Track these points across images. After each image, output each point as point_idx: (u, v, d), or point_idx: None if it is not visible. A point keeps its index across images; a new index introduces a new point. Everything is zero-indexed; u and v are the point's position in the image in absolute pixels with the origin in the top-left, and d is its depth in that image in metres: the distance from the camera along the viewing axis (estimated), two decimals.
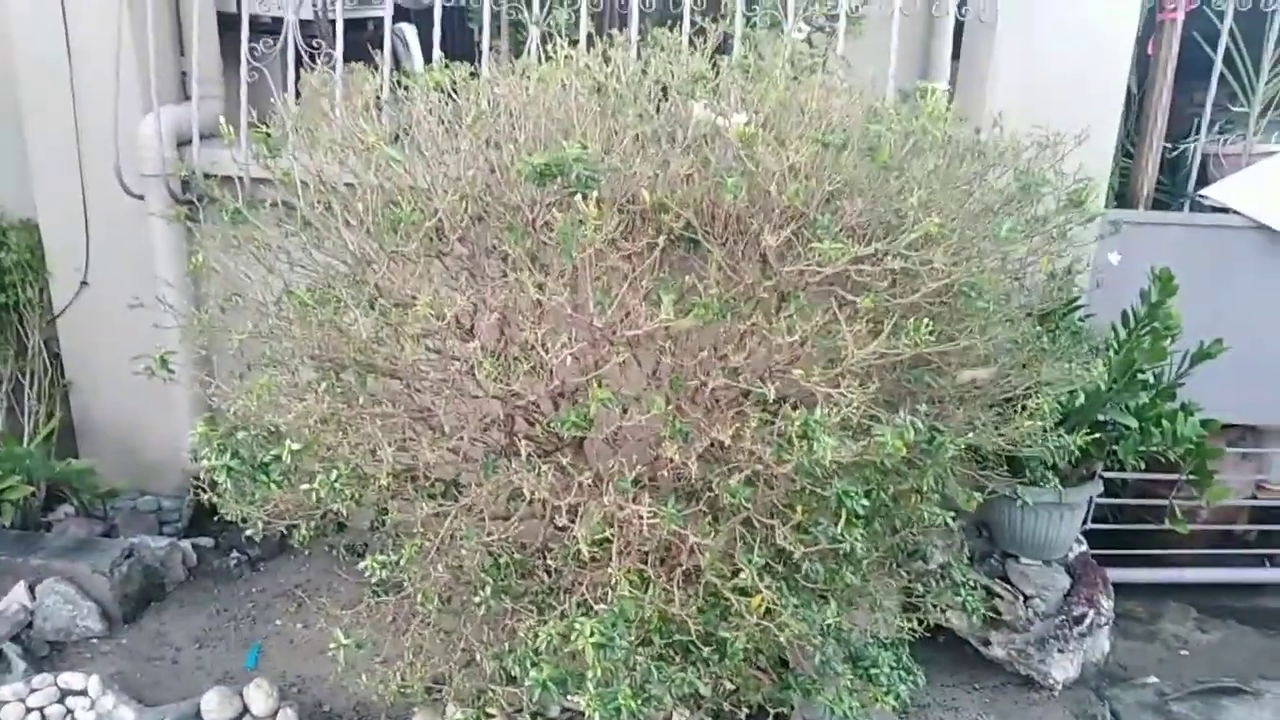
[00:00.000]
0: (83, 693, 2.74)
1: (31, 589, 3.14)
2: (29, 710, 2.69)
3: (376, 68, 2.46)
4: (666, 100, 2.25)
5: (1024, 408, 2.26)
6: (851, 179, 1.99)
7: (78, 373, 3.81)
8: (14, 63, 3.52)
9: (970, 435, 2.10)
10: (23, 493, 3.33)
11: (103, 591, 3.17)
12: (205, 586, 3.47)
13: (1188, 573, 3.99)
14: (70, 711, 2.71)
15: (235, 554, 3.58)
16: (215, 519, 3.35)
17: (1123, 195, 3.61)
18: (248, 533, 2.23)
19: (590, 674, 1.84)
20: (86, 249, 3.67)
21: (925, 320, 1.77)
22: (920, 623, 2.44)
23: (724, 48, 2.60)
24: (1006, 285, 2.36)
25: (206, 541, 3.65)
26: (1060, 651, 3.31)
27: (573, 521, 1.92)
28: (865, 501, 1.87)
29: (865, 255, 1.84)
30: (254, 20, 3.35)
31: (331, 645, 2.09)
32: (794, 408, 1.83)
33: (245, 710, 2.71)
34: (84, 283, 3.70)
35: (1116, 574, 3.57)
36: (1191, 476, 3.18)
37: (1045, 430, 2.18)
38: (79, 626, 3.11)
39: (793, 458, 1.74)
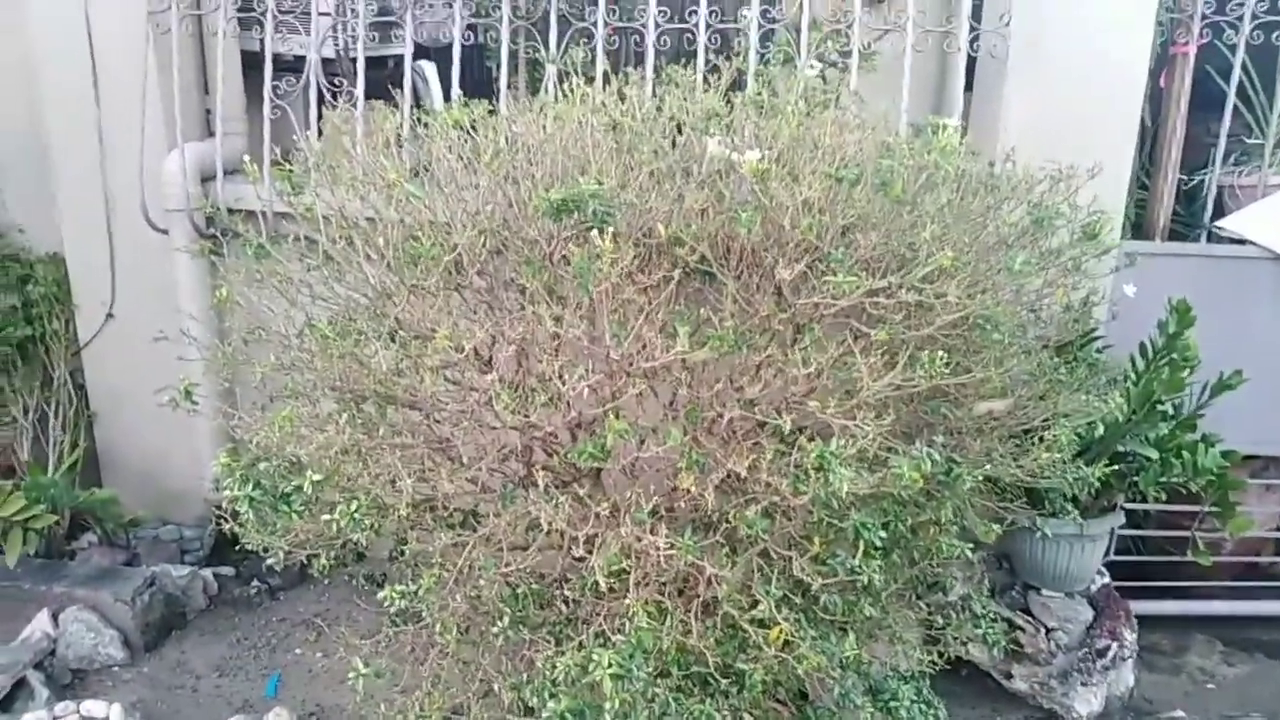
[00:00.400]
0: None
1: (55, 617, 3.17)
2: None
3: (397, 105, 2.51)
4: (681, 136, 2.28)
5: (1041, 439, 2.26)
6: (865, 213, 2.01)
7: (102, 403, 3.87)
8: (42, 99, 3.60)
9: (988, 467, 2.10)
10: (47, 521, 3.36)
11: (125, 620, 3.19)
12: (226, 615, 3.50)
13: (1213, 605, 3.93)
14: None
15: (256, 583, 3.60)
16: (236, 548, 3.38)
17: (1139, 226, 3.61)
18: (269, 562, 2.25)
19: (608, 705, 1.84)
20: (112, 282, 3.73)
21: (940, 352, 1.78)
22: (941, 655, 2.42)
23: (738, 84, 2.64)
24: (1022, 317, 2.37)
25: (228, 570, 3.68)
26: (1084, 685, 3.27)
27: (590, 552, 1.93)
28: (883, 533, 1.87)
29: (879, 288, 1.85)
30: (277, 59, 3.42)
31: (350, 674, 2.10)
32: (810, 439, 1.84)
33: None
34: (109, 315, 3.76)
35: (1140, 606, 3.52)
36: (1214, 508, 3.15)
37: (1064, 462, 2.17)
38: (101, 654, 3.14)
39: (809, 489, 1.75)
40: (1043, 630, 3.33)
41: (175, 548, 3.70)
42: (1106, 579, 3.50)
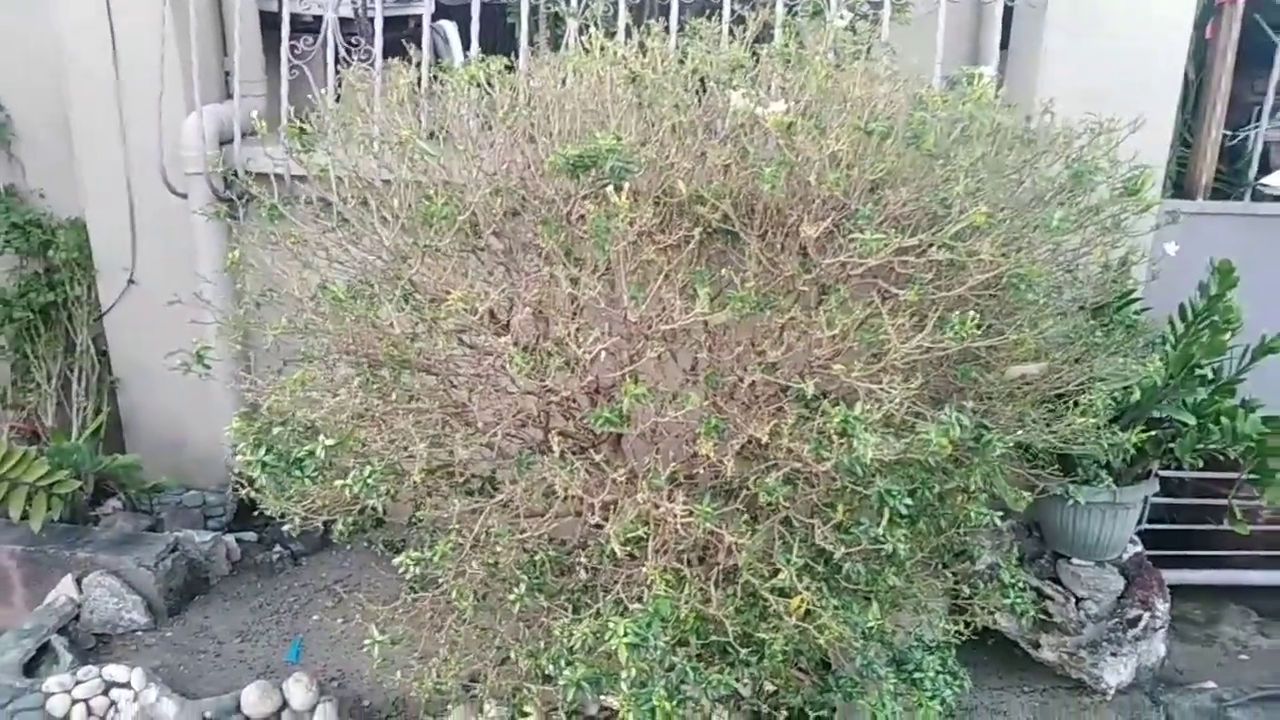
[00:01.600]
0: (126, 685, 2.77)
1: (79, 582, 3.19)
2: (74, 702, 2.73)
3: (417, 65, 2.44)
4: (705, 92, 2.20)
5: (1076, 404, 2.18)
6: (895, 168, 1.92)
7: (125, 369, 3.87)
8: (62, 65, 3.57)
9: (1020, 433, 2.02)
10: (71, 487, 3.38)
11: (147, 585, 3.21)
12: (248, 580, 3.50)
13: (1248, 575, 3.85)
14: (114, 704, 2.74)
15: (278, 548, 3.60)
16: (255, 514, 3.39)
17: (1180, 184, 3.49)
18: (285, 528, 2.23)
19: (624, 674, 1.81)
20: (133, 247, 3.72)
21: (972, 314, 1.70)
22: (968, 626, 2.37)
23: (764, 37, 2.54)
24: (1058, 278, 2.28)
25: (250, 536, 3.68)
26: (1113, 655, 3.21)
27: (606, 519, 1.89)
28: (909, 501, 1.81)
29: (909, 246, 1.77)
30: (294, 19, 3.36)
31: (367, 641, 2.08)
32: (834, 404, 1.78)
33: (285, 704, 2.72)
34: (131, 280, 3.75)
35: (1173, 575, 3.45)
36: (1252, 475, 3.06)
37: (1099, 427, 2.09)
38: (124, 619, 3.15)
39: (832, 455, 1.69)
40: (1072, 599, 3.27)
41: (198, 513, 3.71)
42: (1139, 547, 3.42)
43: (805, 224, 1.85)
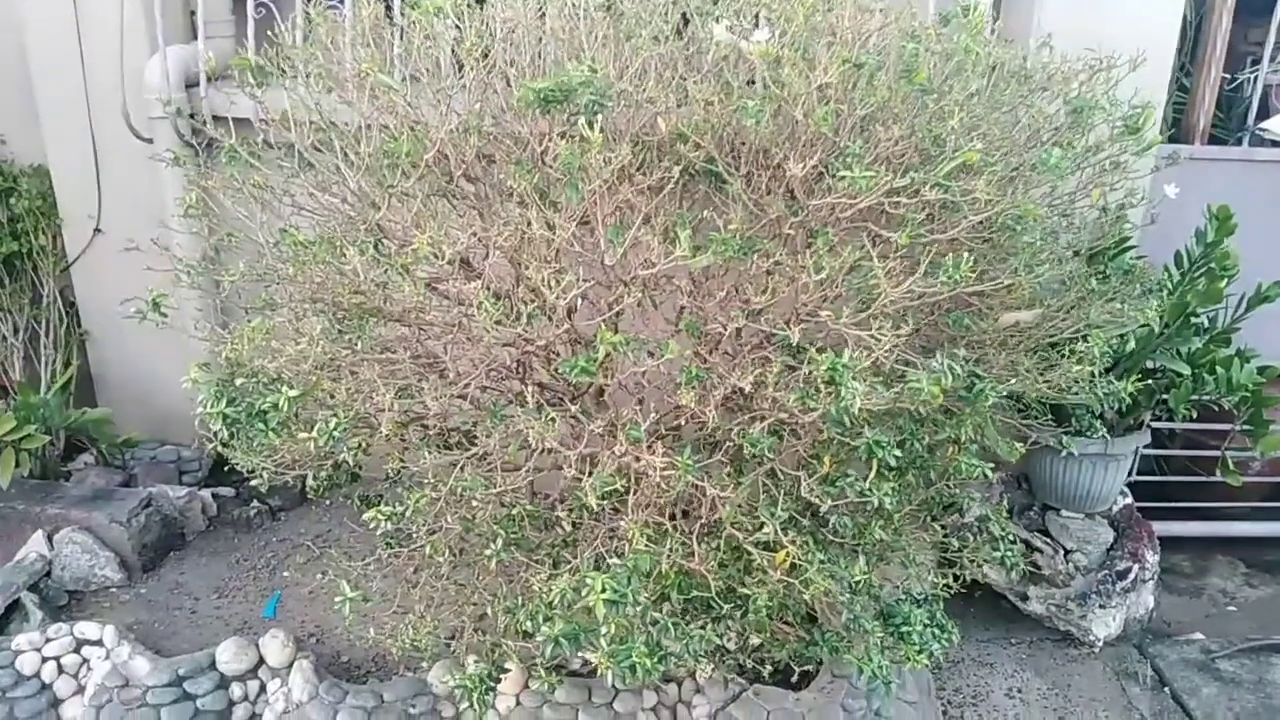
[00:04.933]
0: (98, 643, 2.70)
1: (50, 538, 3.11)
2: (45, 660, 2.66)
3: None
4: (686, 24, 2.09)
5: (1071, 352, 2.11)
6: (885, 103, 1.82)
7: (94, 321, 3.76)
8: (19, 3, 3.41)
9: (1013, 382, 1.95)
10: (40, 442, 3.28)
11: (121, 541, 3.13)
12: (225, 536, 3.43)
13: (1236, 526, 3.84)
14: (85, 661, 2.68)
15: (256, 504, 3.52)
16: (229, 470, 3.30)
17: (1176, 129, 3.40)
18: (253, 484, 2.16)
19: (603, 630, 1.75)
20: (99, 194, 3.59)
21: (967, 256, 1.62)
22: (956, 579, 2.32)
23: None
24: (1053, 222, 2.19)
25: (227, 491, 3.60)
26: (1102, 607, 3.19)
27: (585, 473, 1.81)
28: (898, 453, 1.74)
29: (901, 186, 1.68)
30: None
31: (339, 598, 2.02)
32: (820, 352, 1.70)
33: (261, 661, 2.66)
34: (98, 229, 3.63)
35: (1161, 527, 3.43)
36: (1246, 426, 3.01)
37: (1094, 376, 2.03)
38: (98, 576, 3.08)
39: (819, 405, 1.61)
40: (1061, 552, 3.24)
41: (173, 468, 3.62)
42: (1129, 499, 3.39)
43: (791, 162, 1.76)
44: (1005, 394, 1.99)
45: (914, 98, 1.87)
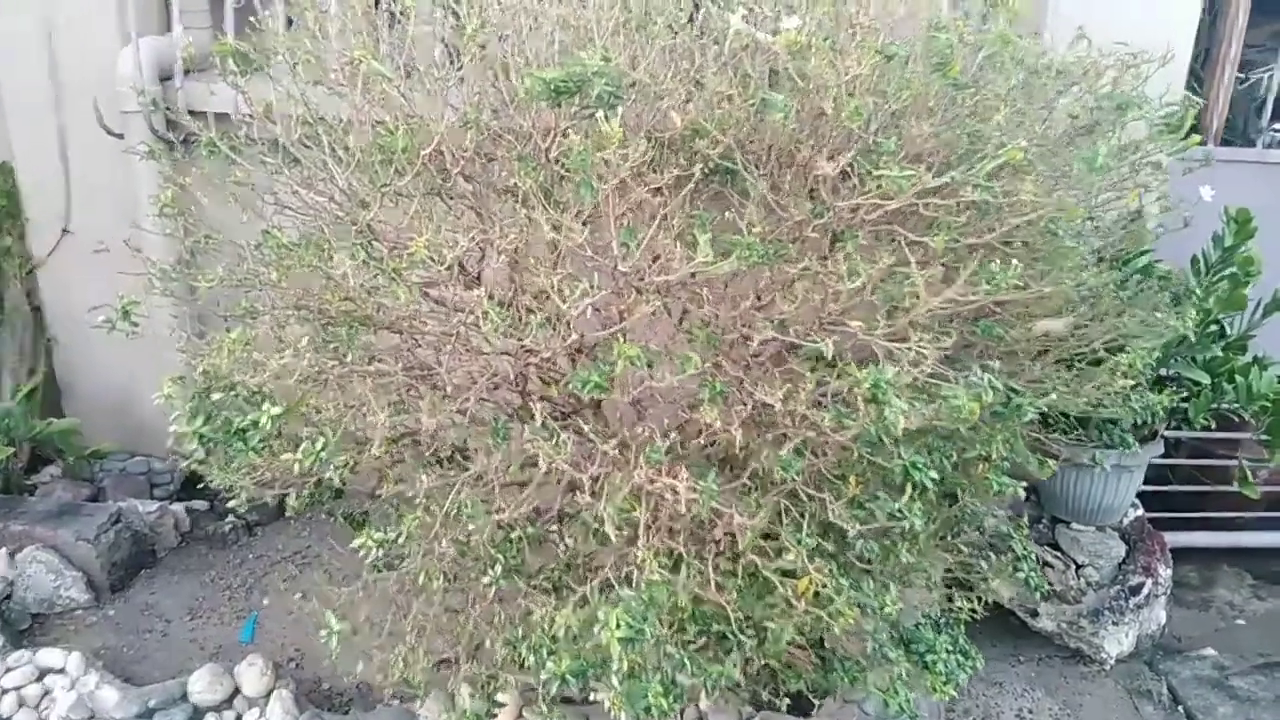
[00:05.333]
0: (62, 671, 2.53)
1: (12, 556, 2.93)
2: (4, 691, 2.49)
3: None
4: (697, 12, 1.96)
5: (1099, 363, 1.99)
6: (920, 95, 1.70)
7: (61, 327, 3.58)
8: None
9: (1052, 395, 1.83)
10: (3, 454, 3.12)
11: (88, 559, 2.96)
12: (199, 553, 3.26)
13: (1242, 537, 3.75)
14: (49, 691, 2.50)
15: (231, 519, 3.36)
16: (201, 485, 3.13)
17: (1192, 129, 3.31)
18: (230, 504, 2.00)
19: (615, 666, 1.61)
20: (67, 193, 3.42)
21: (1016, 263, 1.49)
22: (979, 600, 2.20)
23: None
24: (1082, 225, 2.08)
25: (201, 505, 3.44)
26: (1115, 624, 3.09)
27: (595, 496, 1.67)
28: (934, 474, 1.61)
29: (938, 186, 1.56)
30: None
31: (323, 631, 1.87)
32: (841, 365, 1.57)
33: (237, 691, 2.50)
34: (65, 230, 3.45)
35: (1167, 538, 3.33)
36: (1264, 437, 2.91)
37: (1134, 388, 1.91)
38: (63, 597, 2.91)
39: (856, 424, 1.48)
40: (1072, 566, 3.13)
41: (144, 481, 3.45)
42: (1140, 511, 3.29)
43: (819, 160, 1.62)
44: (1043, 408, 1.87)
45: (945, 92, 1.74)
